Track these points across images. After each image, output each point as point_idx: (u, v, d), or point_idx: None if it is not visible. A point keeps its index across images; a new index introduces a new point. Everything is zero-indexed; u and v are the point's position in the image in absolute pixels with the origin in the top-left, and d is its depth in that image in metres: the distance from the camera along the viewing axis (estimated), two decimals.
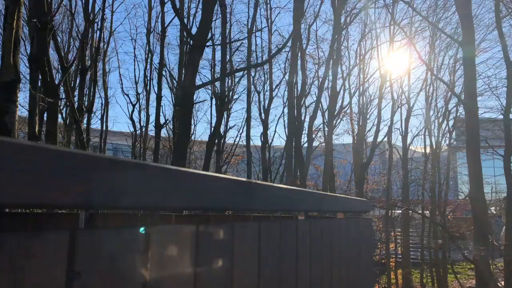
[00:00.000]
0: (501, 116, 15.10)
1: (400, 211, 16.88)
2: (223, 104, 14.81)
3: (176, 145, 9.94)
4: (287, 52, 17.73)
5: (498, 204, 25.77)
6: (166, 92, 25.89)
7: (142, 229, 0.65)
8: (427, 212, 17.41)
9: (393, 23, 14.60)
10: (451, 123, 17.36)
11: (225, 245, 0.89)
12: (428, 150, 17.68)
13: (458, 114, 17.30)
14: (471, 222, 17.32)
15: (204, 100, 19.06)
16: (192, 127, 20.42)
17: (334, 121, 17.49)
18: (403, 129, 17.13)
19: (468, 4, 9.54)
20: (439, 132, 17.30)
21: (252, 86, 19.97)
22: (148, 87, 17.38)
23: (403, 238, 16.79)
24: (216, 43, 16.43)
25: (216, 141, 16.73)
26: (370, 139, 17.89)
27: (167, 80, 17.17)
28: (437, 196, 17.07)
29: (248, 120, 18.31)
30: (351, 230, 2.20)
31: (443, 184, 16.80)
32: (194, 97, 9.33)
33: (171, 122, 16.26)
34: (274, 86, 19.24)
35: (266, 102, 19.41)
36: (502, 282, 10.33)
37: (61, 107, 12.14)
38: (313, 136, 17.79)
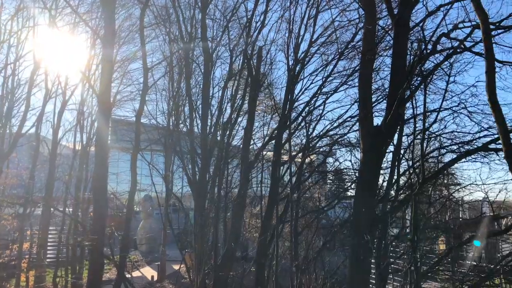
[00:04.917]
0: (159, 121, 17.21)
1: (41, 208, 15.96)
2: None
3: None
4: None
5: (139, 202, 28.83)
6: None
7: None
8: (71, 209, 17.19)
9: (49, 7, 13.73)
10: None
11: None
12: (79, 146, 17.56)
13: (113, 116, 18.14)
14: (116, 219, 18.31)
15: None
16: None
17: None
18: (55, 122, 16.36)
19: (112, 6, 10.13)
20: (91, 129, 17.56)
21: None
22: None
23: (41, 236, 15.84)
24: None
25: None
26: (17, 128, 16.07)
27: None
28: (82, 193, 17.16)
29: None
30: None
31: (89, 181, 17.00)
32: None
33: None
34: None
35: None
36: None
37: None
38: None
